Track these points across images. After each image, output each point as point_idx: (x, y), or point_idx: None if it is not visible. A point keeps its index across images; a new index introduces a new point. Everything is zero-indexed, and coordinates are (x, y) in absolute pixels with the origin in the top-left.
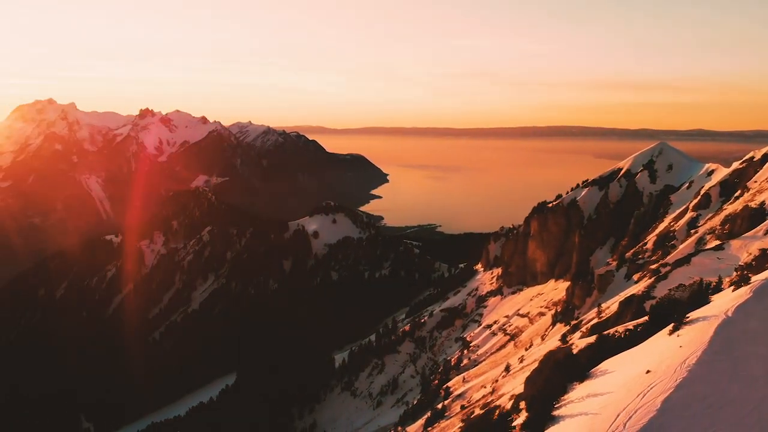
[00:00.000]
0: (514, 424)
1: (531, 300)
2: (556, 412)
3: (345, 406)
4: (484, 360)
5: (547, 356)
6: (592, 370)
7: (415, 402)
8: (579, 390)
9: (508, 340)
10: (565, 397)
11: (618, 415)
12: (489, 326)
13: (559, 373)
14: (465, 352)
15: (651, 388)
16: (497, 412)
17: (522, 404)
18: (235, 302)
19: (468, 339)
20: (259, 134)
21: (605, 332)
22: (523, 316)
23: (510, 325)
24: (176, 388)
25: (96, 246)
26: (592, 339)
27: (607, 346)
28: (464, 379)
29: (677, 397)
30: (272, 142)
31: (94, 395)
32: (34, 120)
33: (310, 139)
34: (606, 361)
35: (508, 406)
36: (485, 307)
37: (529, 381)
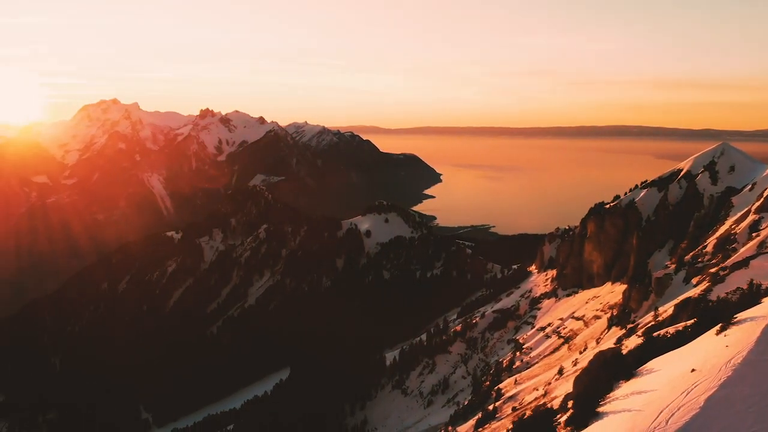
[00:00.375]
0: (559, 420)
1: (586, 303)
2: (600, 409)
3: (396, 404)
4: (537, 363)
5: (596, 356)
6: (639, 369)
7: (465, 403)
8: (624, 388)
9: (562, 343)
10: (611, 394)
11: (661, 412)
12: (543, 329)
13: (606, 372)
14: (517, 354)
15: (695, 387)
16: (544, 410)
17: (570, 403)
18: (289, 299)
19: (521, 341)
20: (315, 134)
21: (654, 333)
22: (578, 319)
23: (564, 328)
24: (232, 381)
25: (157, 242)
26: (640, 340)
27: (655, 347)
28: (516, 381)
29: (720, 396)
30: (327, 141)
31: (153, 387)
32: (99, 119)
33: (364, 138)
34: (653, 360)
35: (557, 405)
36: (539, 309)
37: (577, 380)
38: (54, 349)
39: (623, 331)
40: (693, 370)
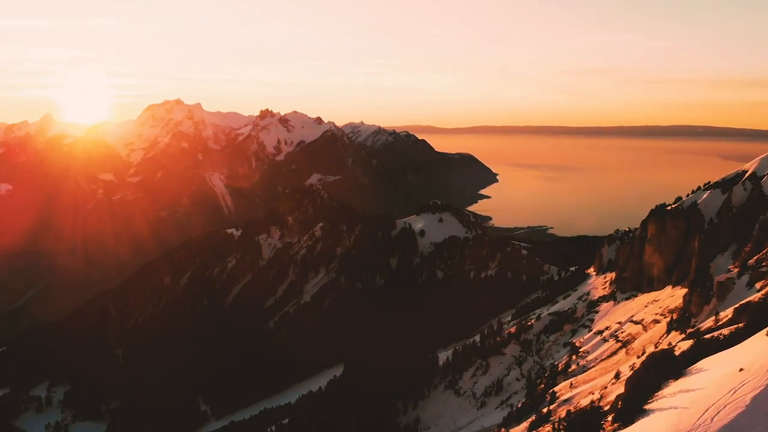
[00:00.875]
0: (607, 418)
1: (646, 306)
2: (647, 406)
3: (448, 404)
4: (594, 366)
5: (648, 357)
6: (688, 368)
7: (519, 405)
8: (673, 387)
9: (620, 347)
10: (659, 393)
11: (707, 410)
12: (600, 332)
13: (656, 372)
14: (573, 357)
15: (742, 385)
16: (593, 407)
17: (621, 403)
18: (343, 296)
19: (577, 344)
20: (370, 134)
21: (706, 335)
22: (636, 323)
23: (622, 332)
24: (287, 376)
25: (218, 239)
26: (692, 341)
27: (706, 348)
28: (571, 384)
29: (767, 395)
30: (382, 141)
31: (211, 379)
32: (163, 119)
33: (420, 138)
34: (702, 360)
35: (608, 406)
36: (596, 312)
37: (628, 380)
38: (118, 340)
39: (683, 335)
40: (741, 370)
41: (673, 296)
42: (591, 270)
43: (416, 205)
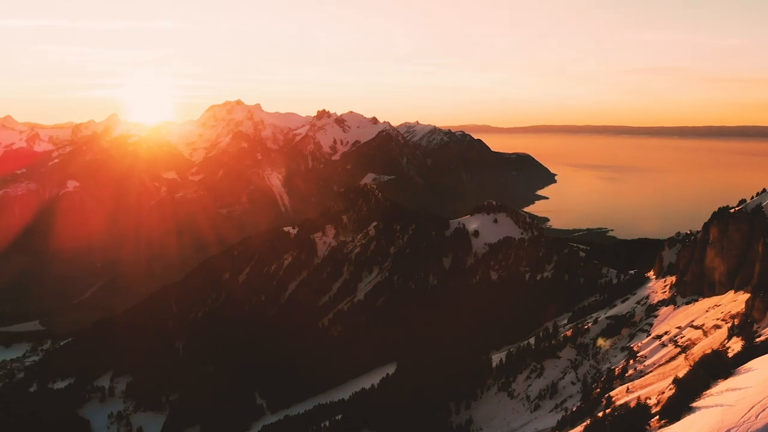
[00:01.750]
0: (655, 415)
1: (706, 311)
2: (694, 404)
3: (501, 406)
4: (651, 371)
5: (700, 358)
6: (738, 368)
7: (574, 409)
8: (721, 385)
9: (679, 353)
10: (707, 391)
11: (752, 408)
12: (659, 337)
13: (705, 371)
14: (631, 362)
15: None
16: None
17: (668, 401)
18: (396, 295)
19: (635, 349)
20: (425, 134)
21: (758, 338)
22: (696, 328)
23: (682, 337)
24: (341, 372)
25: (275, 236)
26: (743, 342)
27: (759, 349)
28: (628, 389)
29: None
30: (437, 141)
31: (268, 374)
32: (224, 119)
33: (476, 138)
34: (752, 360)
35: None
36: (655, 316)
37: (677, 380)
38: (178, 334)
39: (744, 341)
40: None
41: (735, 301)
42: (651, 273)
43: (471, 206)
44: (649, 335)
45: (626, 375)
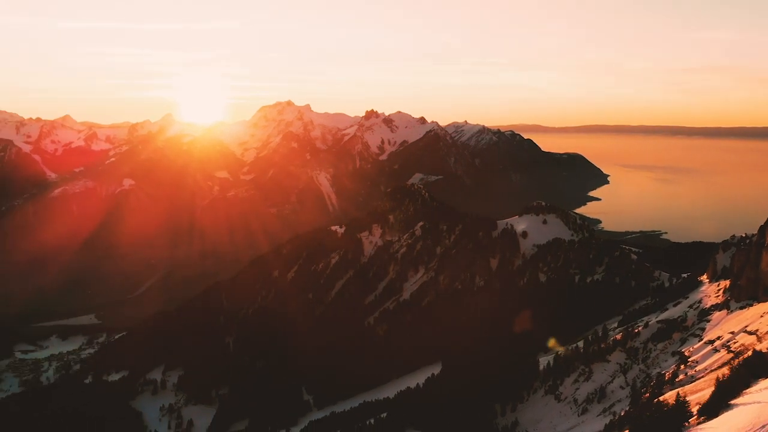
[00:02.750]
0: (693, 411)
1: (761, 316)
2: (732, 401)
3: (548, 409)
4: (703, 377)
5: (743, 358)
6: None
7: (622, 413)
8: (761, 384)
9: (732, 358)
10: (747, 390)
11: None
12: (711, 342)
13: (746, 370)
14: (682, 367)
15: None
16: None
17: (708, 398)
18: (442, 295)
19: (686, 354)
20: (474, 133)
21: None
22: (750, 333)
23: (735, 342)
24: (386, 371)
25: (322, 235)
26: None
27: None
28: (678, 394)
29: None
30: (486, 141)
31: (315, 370)
32: (275, 120)
33: (525, 137)
34: None
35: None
36: (708, 321)
37: (718, 378)
38: (228, 329)
39: None
40: None
41: None
42: (704, 277)
43: (520, 206)
44: (701, 340)
45: (677, 380)
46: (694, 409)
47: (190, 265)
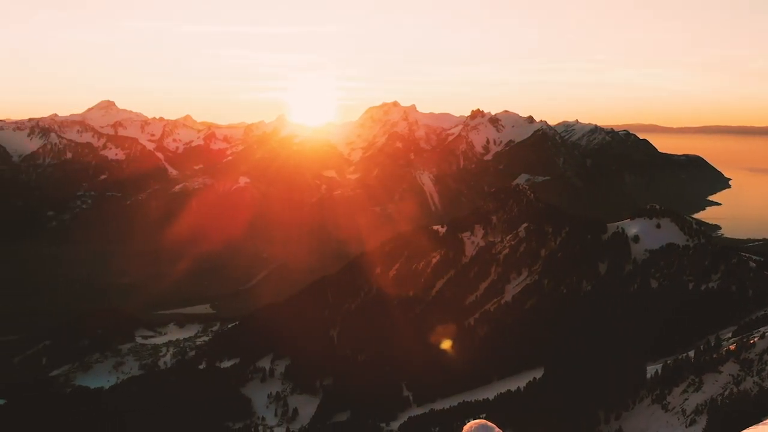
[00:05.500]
0: None
1: None
2: None
3: (654, 419)
4: None
5: None
6: None
7: None
8: None
9: None
10: None
11: None
12: None
13: None
14: None
15: None
16: None
17: None
18: (546, 299)
19: None
20: (585, 133)
21: None
22: None
23: None
24: (486, 372)
25: (425, 234)
26: None
27: None
28: None
29: None
30: (598, 141)
31: (414, 367)
32: (381, 120)
33: (641, 138)
34: None
35: None
36: None
37: None
38: (333, 322)
39: None
40: None
41: None
42: None
43: (632, 209)
44: None
45: None
46: None
47: (298, 260)
